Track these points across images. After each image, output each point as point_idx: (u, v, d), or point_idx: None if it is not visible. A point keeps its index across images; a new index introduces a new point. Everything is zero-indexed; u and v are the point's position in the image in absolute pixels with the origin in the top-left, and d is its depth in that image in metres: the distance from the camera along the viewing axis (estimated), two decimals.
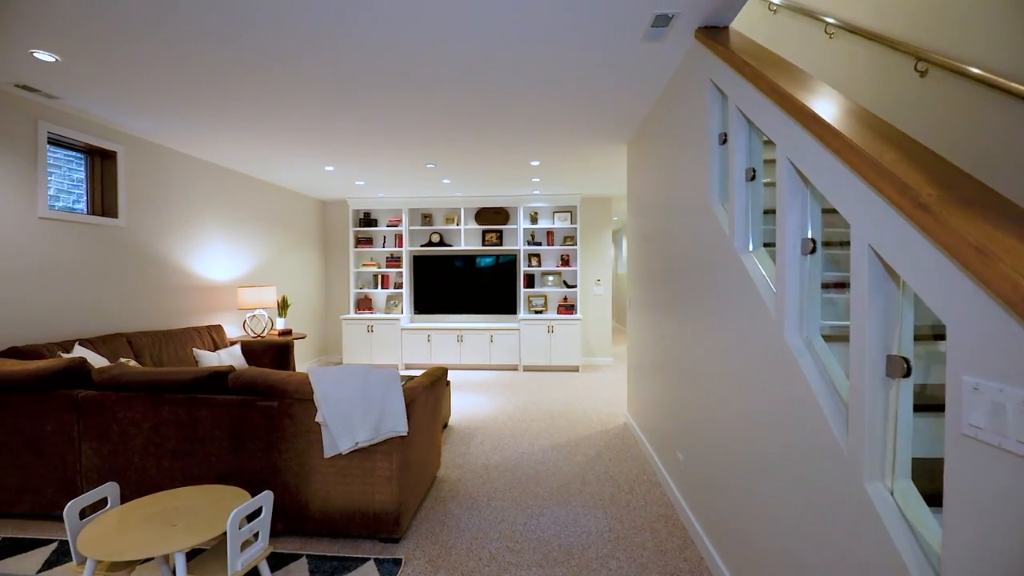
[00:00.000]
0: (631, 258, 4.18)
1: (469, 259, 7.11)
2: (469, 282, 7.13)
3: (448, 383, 4.17)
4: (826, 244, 1.90)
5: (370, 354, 6.88)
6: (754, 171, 1.91)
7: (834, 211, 1.37)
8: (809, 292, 1.55)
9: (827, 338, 1.54)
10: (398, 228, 7.15)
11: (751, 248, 1.93)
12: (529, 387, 5.75)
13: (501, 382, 6.02)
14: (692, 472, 2.52)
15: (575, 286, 6.96)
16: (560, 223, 7.02)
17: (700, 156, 2.38)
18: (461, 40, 2.42)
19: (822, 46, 3.28)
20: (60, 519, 2.64)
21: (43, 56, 2.58)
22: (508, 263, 7.06)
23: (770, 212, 2.14)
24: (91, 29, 2.31)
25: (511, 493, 2.95)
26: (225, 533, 1.73)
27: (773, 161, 2.61)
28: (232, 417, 2.41)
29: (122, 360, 3.25)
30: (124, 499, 2.51)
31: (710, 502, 2.26)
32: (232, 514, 1.70)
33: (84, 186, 3.74)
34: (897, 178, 1.08)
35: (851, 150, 1.23)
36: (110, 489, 1.96)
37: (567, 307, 6.91)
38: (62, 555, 2.28)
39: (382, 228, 7.21)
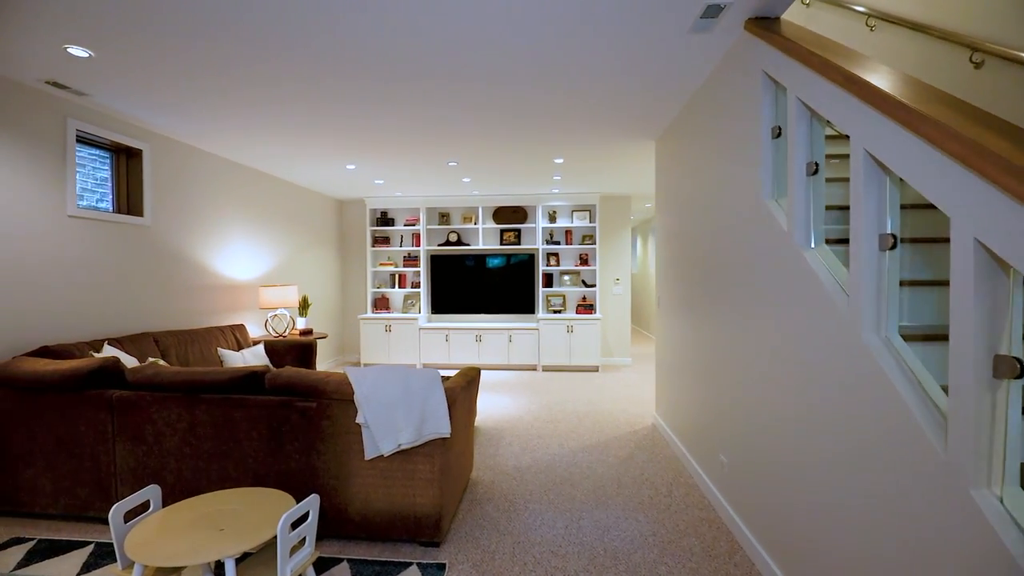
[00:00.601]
0: (660, 257, 4.11)
1: (487, 258, 7.06)
2: (487, 281, 7.08)
3: None
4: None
5: (388, 354, 6.84)
6: (816, 165, 1.84)
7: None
8: (888, 289, 1.48)
9: (907, 337, 1.47)
10: (415, 227, 7.10)
11: (813, 245, 1.86)
12: (550, 387, 5.68)
13: (522, 382, 5.96)
14: (739, 475, 2.45)
15: (594, 285, 6.89)
16: (579, 222, 6.96)
17: (749, 151, 2.31)
18: (493, 32, 2.36)
19: (862, 39, 3.20)
20: (94, 520, 2.61)
21: (77, 52, 2.55)
22: (526, 262, 7.00)
23: (830, 208, 2.07)
24: (124, 22, 2.27)
25: (547, 496, 2.89)
26: (272, 537, 1.69)
27: (834, 156, 2.57)
28: (269, 418, 2.37)
29: (152, 360, 3.22)
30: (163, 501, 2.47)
31: (763, 507, 2.19)
32: (282, 519, 1.65)
33: (109, 184, 3.71)
34: (1010, 163, 1.01)
35: (952, 137, 1.16)
36: (152, 492, 1.92)
37: (586, 307, 6.84)
38: (100, 557, 2.25)
39: (399, 227, 7.17)
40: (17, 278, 2.92)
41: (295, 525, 2.00)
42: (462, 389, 2.54)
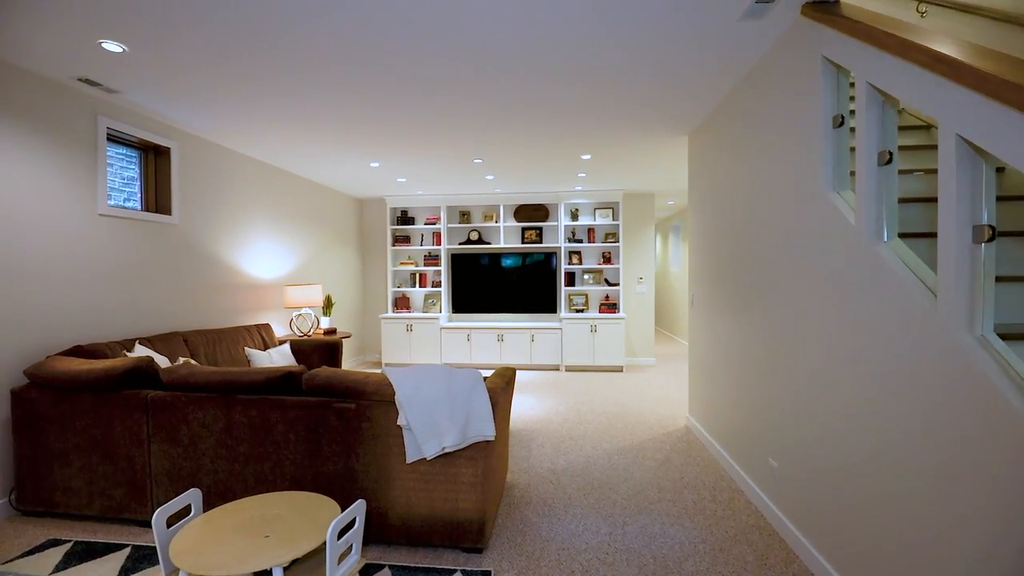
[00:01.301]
0: (694, 254, 4.00)
1: (508, 257, 6.98)
2: (508, 280, 7.00)
3: None
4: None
5: (409, 354, 6.79)
6: (890, 153, 1.73)
7: None
8: (984, 285, 1.37)
9: (1005, 336, 1.36)
10: (436, 226, 7.05)
11: (886, 238, 1.75)
12: (575, 387, 5.59)
13: (546, 382, 5.87)
14: (793, 481, 2.35)
15: (617, 284, 6.78)
16: (602, 219, 6.85)
17: (806, 142, 2.20)
18: (529, 22, 2.28)
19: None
20: (130, 523, 2.57)
21: (111, 47, 2.51)
22: (548, 261, 6.91)
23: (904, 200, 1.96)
24: (159, 14, 2.22)
25: (586, 500, 2.81)
26: (320, 544, 1.63)
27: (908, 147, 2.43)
28: (307, 419, 2.31)
29: (184, 360, 3.19)
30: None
31: (824, 514, 2.08)
32: (331, 525, 1.58)
33: (138, 183, 3.69)
34: None
35: None
36: (193, 496, 1.87)
37: (609, 306, 6.73)
38: (137, 561, 2.21)
39: (420, 226, 7.12)
40: (49, 277, 2.89)
41: (341, 532, 1.94)
42: (501, 390, 2.46)
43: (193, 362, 3.13)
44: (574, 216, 6.92)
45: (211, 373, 2.43)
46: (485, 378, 2.65)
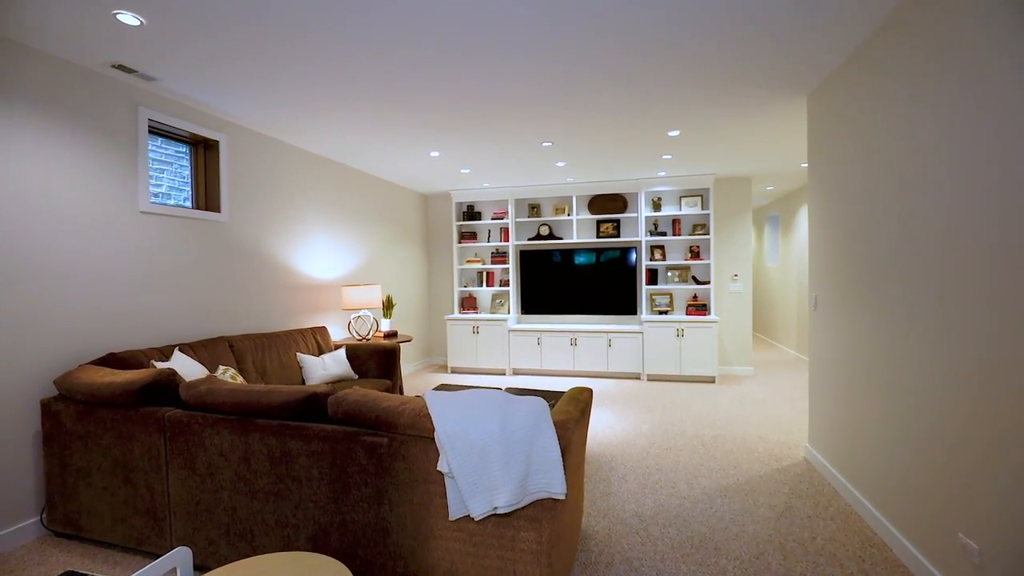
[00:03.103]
0: (818, 245, 3.17)
1: (582, 253, 6.35)
2: (582, 279, 6.36)
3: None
4: None
5: (476, 357, 6.37)
6: None
7: None
8: None
9: None
10: (503, 221, 6.56)
11: None
12: (660, 401, 4.86)
13: (625, 393, 5.19)
14: (1008, 574, 1.56)
15: (707, 282, 5.93)
16: (688, 209, 6.03)
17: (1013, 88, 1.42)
18: None
19: None
20: (151, 555, 2.28)
21: (127, 19, 2.21)
22: (627, 257, 6.19)
23: None
24: None
25: (685, 564, 2.16)
26: None
27: None
28: (332, 453, 1.87)
29: (220, 370, 2.91)
30: (211, 547, 2.07)
31: None
32: None
33: (189, 179, 3.50)
34: None
35: None
36: (179, 557, 1.47)
37: (698, 307, 5.90)
38: None
39: (486, 221, 6.67)
40: (84, 279, 2.70)
41: None
42: (575, 423, 1.88)
43: (232, 371, 2.83)
44: (656, 206, 6.14)
45: (230, 391, 2.06)
46: (552, 404, 2.07)
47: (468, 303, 6.82)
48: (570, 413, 1.91)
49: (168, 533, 2.18)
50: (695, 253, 6.03)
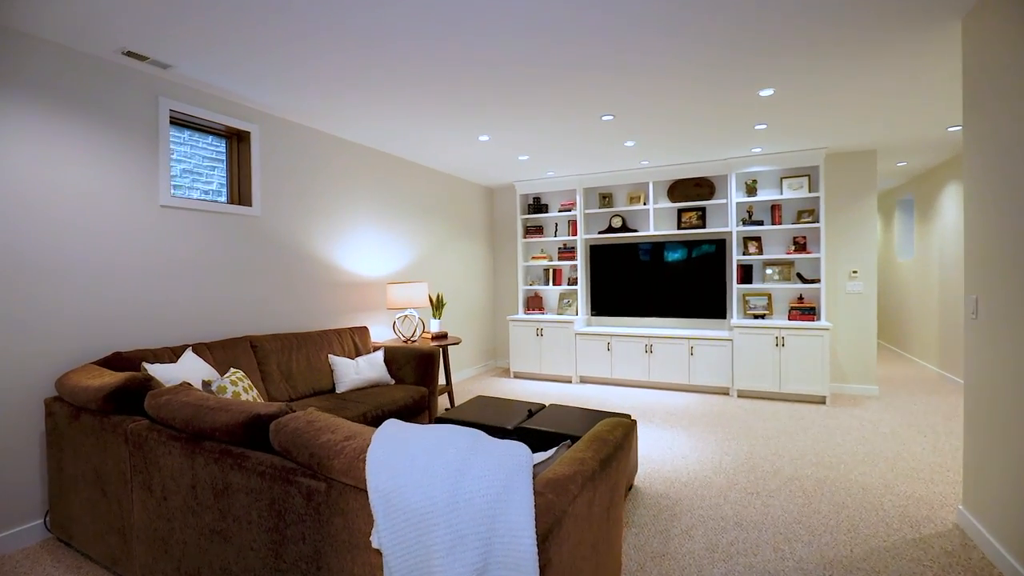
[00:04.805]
0: (980, 231, 2.25)
1: (660, 247, 5.57)
2: (660, 276, 5.58)
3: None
4: None
5: (539, 362, 5.85)
6: None
7: None
8: None
9: None
10: (572, 213, 5.97)
11: None
12: (750, 425, 4.01)
13: (707, 413, 4.38)
14: None
15: (816, 281, 4.89)
16: (791, 192, 5.02)
17: None
18: None
19: None
20: None
21: None
22: (714, 251, 5.32)
23: None
24: None
25: None
26: None
27: None
28: (270, 493, 1.47)
29: (229, 373, 2.67)
30: None
31: None
32: None
33: (225, 173, 3.37)
34: None
35: None
36: None
37: (803, 310, 4.88)
38: None
39: (553, 214, 6.11)
40: (102, 275, 2.60)
41: None
42: (585, 481, 1.30)
43: (239, 374, 2.58)
44: (751, 190, 5.20)
45: (180, 404, 1.76)
46: (568, 442, 1.50)
47: (534, 303, 6.32)
48: (582, 465, 1.33)
49: (134, 558, 1.94)
50: (800, 246, 5.01)
